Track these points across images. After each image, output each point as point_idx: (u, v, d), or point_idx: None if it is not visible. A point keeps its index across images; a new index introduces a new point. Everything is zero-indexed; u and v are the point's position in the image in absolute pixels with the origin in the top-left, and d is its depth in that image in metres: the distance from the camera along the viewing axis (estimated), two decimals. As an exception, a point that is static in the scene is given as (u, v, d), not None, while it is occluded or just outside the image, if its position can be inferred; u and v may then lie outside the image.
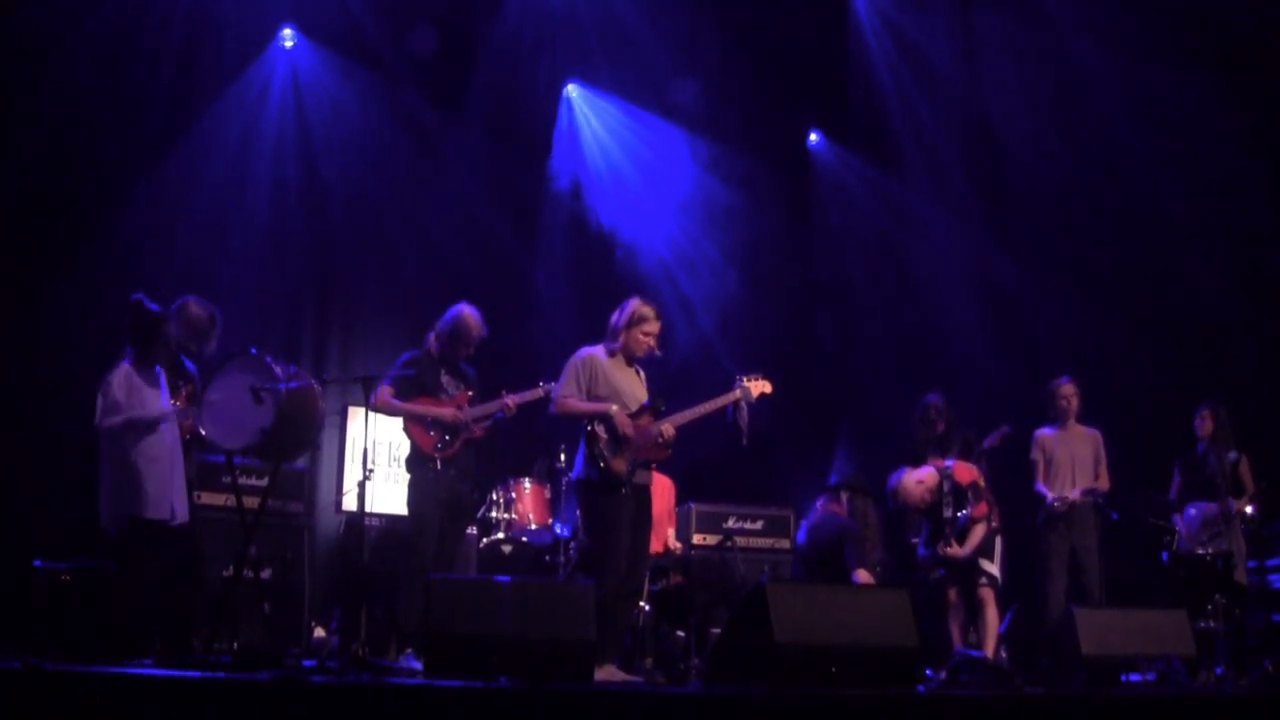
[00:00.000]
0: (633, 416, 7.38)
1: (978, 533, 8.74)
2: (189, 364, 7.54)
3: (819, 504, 9.28)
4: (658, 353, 7.60)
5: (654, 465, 7.59)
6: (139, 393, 7.02)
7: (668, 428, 7.39)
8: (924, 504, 8.89)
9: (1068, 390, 9.60)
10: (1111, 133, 11.74)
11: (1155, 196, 11.48)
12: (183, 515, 7.12)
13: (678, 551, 9.57)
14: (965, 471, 8.89)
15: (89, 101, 9.81)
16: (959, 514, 8.74)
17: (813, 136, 13.19)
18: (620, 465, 7.28)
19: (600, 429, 7.31)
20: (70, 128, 9.71)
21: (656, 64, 11.93)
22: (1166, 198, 11.40)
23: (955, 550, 8.71)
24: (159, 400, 7.10)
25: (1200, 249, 11.31)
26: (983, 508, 8.79)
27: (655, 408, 7.45)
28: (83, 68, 9.79)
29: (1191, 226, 11.31)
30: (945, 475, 8.84)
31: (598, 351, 7.53)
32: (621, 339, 7.50)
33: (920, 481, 8.89)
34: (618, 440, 7.30)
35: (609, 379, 7.44)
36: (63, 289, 9.46)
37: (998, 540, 8.88)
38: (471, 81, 11.59)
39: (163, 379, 7.21)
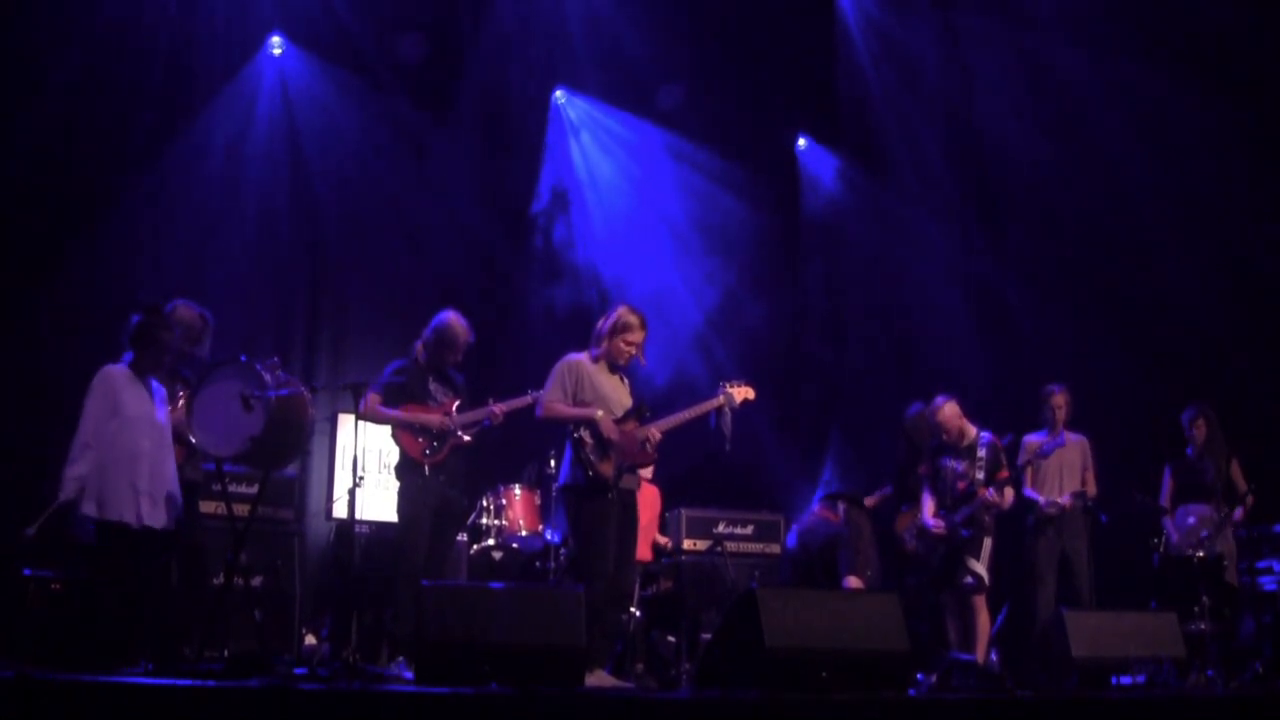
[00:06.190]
0: (618, 422, 7.41)
1: (1009, 493, 8.98)
2: (184, 371, 7.53)
3: (814, 509, 9.29)
4: (642, 361, 7.64)
5: (640, 470, 7.63)
6: (123, 396, 6.93)
7: (654, 433, 7.44)
8: (953, 439, 8.99)
9: (1059, 399, 9.63)
10: (1099, 138, 11.74)
11: (1144, 200, 11.49)
12: (155, 521, 7.00)
13: (666, 547, 9.58)
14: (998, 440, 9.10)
15: (80, 107, 9.80)
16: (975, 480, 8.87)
17: (801, 142, 13.22)
18: (606, 470, 7.30)
19: (586, 434, 7.34)
20: (61, 133, 9.68)
21: (644, 70, 11.94)
22: (1156, 202, 11.41)
23: (998, 498, 8.82)
24: (142, 407, 7.01)
25: (1189, 251, 11.33)
26: (1006, 472, 9.01)
27: (640, 413, 7.50)
28: (75, 74, 9.78)
29: (1180, 229, 11.33)
30: (986, 442, 8.97)
31: (583, 357, 7.57)
32: (606, 346, 7.54)
33: (961, 416, 8.99)
34: (603, 445, 7.33)
35: (594, 384, 7.47)
36: (51, 296, 9.44)
37: (987, 542, 8.90)
38: (460, 87, 11.61)
39: (159, 391, 7.18)
